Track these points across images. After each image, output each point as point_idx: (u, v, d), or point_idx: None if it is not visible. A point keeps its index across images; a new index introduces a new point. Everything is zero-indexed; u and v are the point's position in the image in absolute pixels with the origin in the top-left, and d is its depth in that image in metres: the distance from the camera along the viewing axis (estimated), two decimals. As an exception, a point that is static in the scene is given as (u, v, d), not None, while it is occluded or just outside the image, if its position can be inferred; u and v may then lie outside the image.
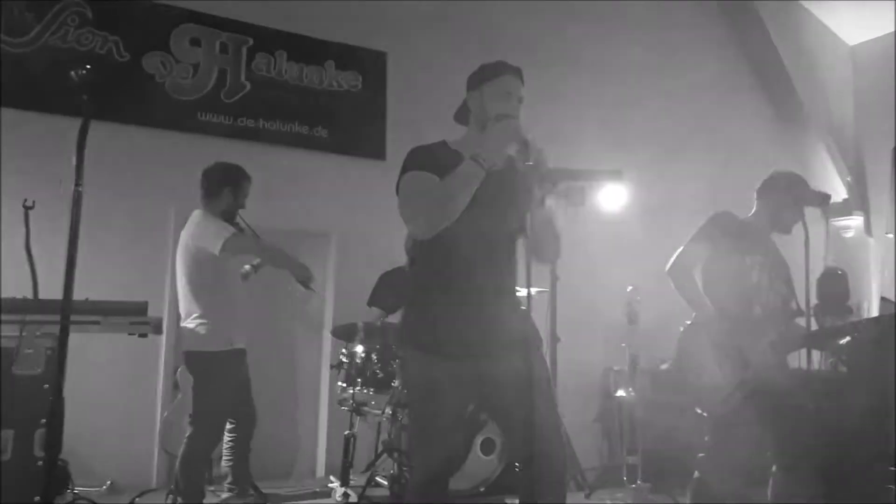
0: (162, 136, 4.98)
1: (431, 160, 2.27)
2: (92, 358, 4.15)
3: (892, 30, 5.34)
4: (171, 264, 4.91)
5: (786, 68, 5.72)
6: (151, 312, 3.31)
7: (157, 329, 3.33)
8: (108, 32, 4.86)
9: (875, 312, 3.79)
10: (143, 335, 3.26)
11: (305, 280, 3.80)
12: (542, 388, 2.23)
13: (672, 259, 3.37)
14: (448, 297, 2.26)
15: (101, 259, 4.51)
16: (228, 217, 3.76)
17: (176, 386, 4.55)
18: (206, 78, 5.17)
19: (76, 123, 2.11)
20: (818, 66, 5.88)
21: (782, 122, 6.21)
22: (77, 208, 1.98)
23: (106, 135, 4.73)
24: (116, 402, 4.60)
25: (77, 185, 1.99)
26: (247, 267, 4.00)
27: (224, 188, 3.76)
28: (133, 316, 3.27)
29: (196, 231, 3.66)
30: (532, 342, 2.30)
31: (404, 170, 2.31)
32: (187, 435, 3.60)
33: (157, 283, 4.80)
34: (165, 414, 4.52)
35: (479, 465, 4.18)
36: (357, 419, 4.28)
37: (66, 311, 1.96)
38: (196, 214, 3.75)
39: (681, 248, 3.38)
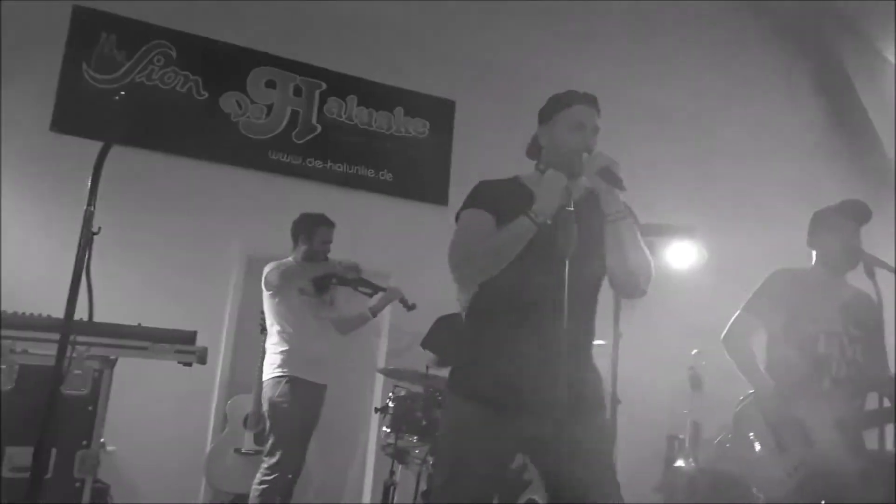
0: (234, 173, 5.13)
1: (495, 197, 2.20)
2: (147, 384, 4.21)
3: None
4: (233, 299, 5.07)
5: (874, 128, 5.46)
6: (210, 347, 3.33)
7: (202, 359, 3.34)
8: (190, 72, 5.08)
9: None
10: (188, 364, 3.29)
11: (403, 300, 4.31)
12: (600, 458, 2.10)
13: (727, 326, 3.18)
14: (504, 348, 2.12)
15: (166, 289, 4.62)
16: (313, 263, 4.03)
17: (225, 418, 4.56)
18: (278, 119, 5.31)
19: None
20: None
21: (873, 188, 5.91)
22: (87, 228, 1.99)
23: (182, 170, 4.95)
24: (167, 431, 4.63)
25: (89, 205, 2.00)
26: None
27: (298, 236, 4.10)
28: (180, 344, 3.30)
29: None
30: (595, 405, 2.17)
31: (465, 205, 2.25)
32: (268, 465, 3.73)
33: (216, 316, 4.87)
34: (213, 445, 4.52)
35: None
36: (399, 467, 4.16)
37: (67, 331, 1.94)
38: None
39: (736, 314, 3.18)
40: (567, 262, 1.95)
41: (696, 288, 5.11)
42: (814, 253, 3.24)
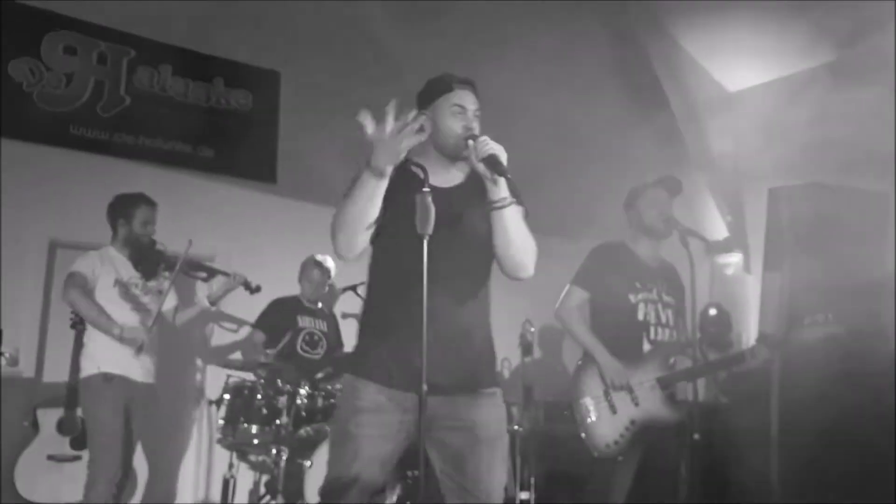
0: (29, 150, 4.58)
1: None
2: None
3: (772, 78, 5.68)
4: (45, 293, 4.56)
5: (671, 108, 5.97)
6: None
7: (14, 361, 3.05)
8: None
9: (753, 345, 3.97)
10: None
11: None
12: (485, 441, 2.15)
13: (559, 300, 3.40)
14: (391, 328, 2.12)
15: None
16: (136, 248, 3.72)
17: (35, 425, 4.11)
18: (80, 89, 4.80)
19: None
20: (699, 109, 6.17)
21: (666, 163, 6.44)
22: None
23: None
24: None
25: None
26: None
27: (116, 220, 3.75)
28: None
29: None
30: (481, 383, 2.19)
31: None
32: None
33: (22, 315, 4.38)
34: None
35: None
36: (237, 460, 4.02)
37: None
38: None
39: (567, 288, 3.41)
40: (426, 241, 1.96)
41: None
42: (630, 225, 3.53)
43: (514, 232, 2.14)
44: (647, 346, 3.35)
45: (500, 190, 2.11)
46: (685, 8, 5.67)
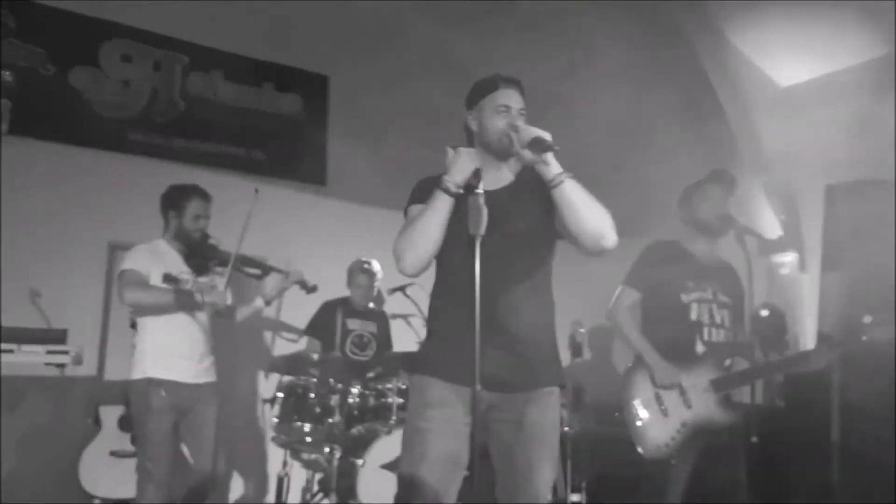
0: (89, 155, 4.71)
1: (429, 192, 2.20)
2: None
3: (825, 72, 5.53)
4: (105, 294, 4.68)
5: (721, 105, 5.87)
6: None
7: (78, 360, 3.10)
8: (34, 44, 4.58)
9: (810, 347, 3.87)
10: (61, 365, 3.02)
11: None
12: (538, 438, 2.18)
13: (612, 302, 3.36)
14: (457, 328, 2.12)
15: (19, 285, 4.21)
16: (186, 242, 3.53)
17: (97, 421, 4.23)
18: (137, 96, 4.93)
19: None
20: (751, 106, 6.04)
21: (719, 160, 6.31)
22: None
23: (30, 153, 4.47)
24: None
25: None
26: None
27: (168, 212, 3.58)
28: (51, 344, 3.03)
29: None
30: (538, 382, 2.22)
31: (408, 203, 2.29)
32: None
33: (85, 316, 4.50)
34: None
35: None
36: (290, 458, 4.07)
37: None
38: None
39: (619, 289, 3.37)
40: (478, 241, 2.01)
41: (566, 259, 5.31)
42: (685, 223, 3.46)
43: (580, 204, 2.11)
44: (700, 348, 3.29)
45: (553, 168, 2.11)
46: (733, 4, 5.57)
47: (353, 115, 5.47)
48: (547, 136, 2.09)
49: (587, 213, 2.11)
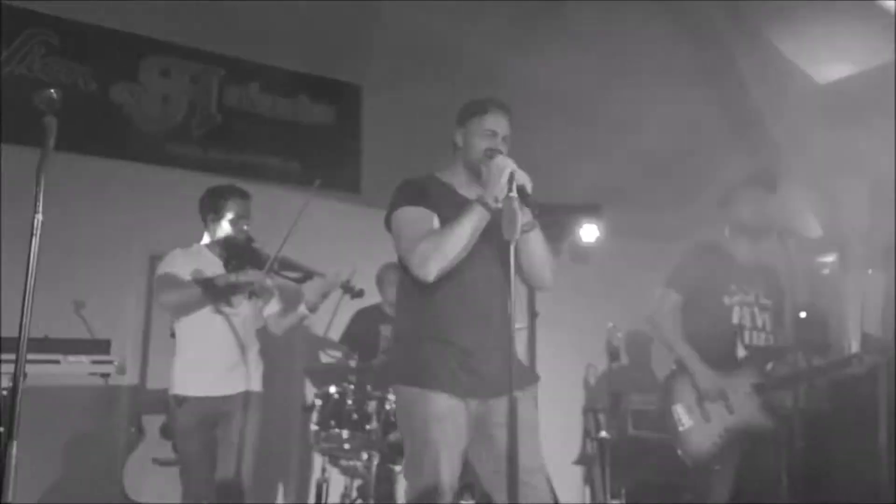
0: (129, 169, 4.81)
1: (423, 195, 2.28)
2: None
3: (863, 68, 5.44)
4: (146, 304, 4.77)
5: (759, 105, 5.79)
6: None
7: (122, 369, 3.17)
8: (76, 61, 4.71)
9: (856, 349, 3.77)
10: (105, 375, 3.09)
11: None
12: (528, 431, 2.20)
13: (653, 304, 3.32)
14: (458, 335, 2.24)
15: (63, 297, 4.30)
16: (228, 244, 3.40)
17: (141, 430, 4.30)
18: (175, 109, 5.03)
19: (31, 154, 1.97)
20: (790, 105, 5.95)
21: (758, 161, 6.23)
22: (36, 238, 1.83)
23: (71, 168, 4.58)
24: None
25: (36, 212, 1.84)
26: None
27: (206, 215, 3.50)
28: (95, 354, 3.09)
29: None
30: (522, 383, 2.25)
31: (396, 205, 2.31)
32: None
33: (128, 326, 4.59)
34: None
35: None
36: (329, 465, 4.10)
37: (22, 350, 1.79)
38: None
39: (659, 292, 3.32)
40: (513, 244, 2.06)
41: (607, 261, 5.27)
42: (727, 225, 3.41)
43: (538, 253, 2.33)
44: (741, 351, 3.24)
45: (525, 215, 2.17)
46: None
47: (386, 123, 5.51)
48: (529, 185, 2.13)
49: (540, 261, 2.36)
